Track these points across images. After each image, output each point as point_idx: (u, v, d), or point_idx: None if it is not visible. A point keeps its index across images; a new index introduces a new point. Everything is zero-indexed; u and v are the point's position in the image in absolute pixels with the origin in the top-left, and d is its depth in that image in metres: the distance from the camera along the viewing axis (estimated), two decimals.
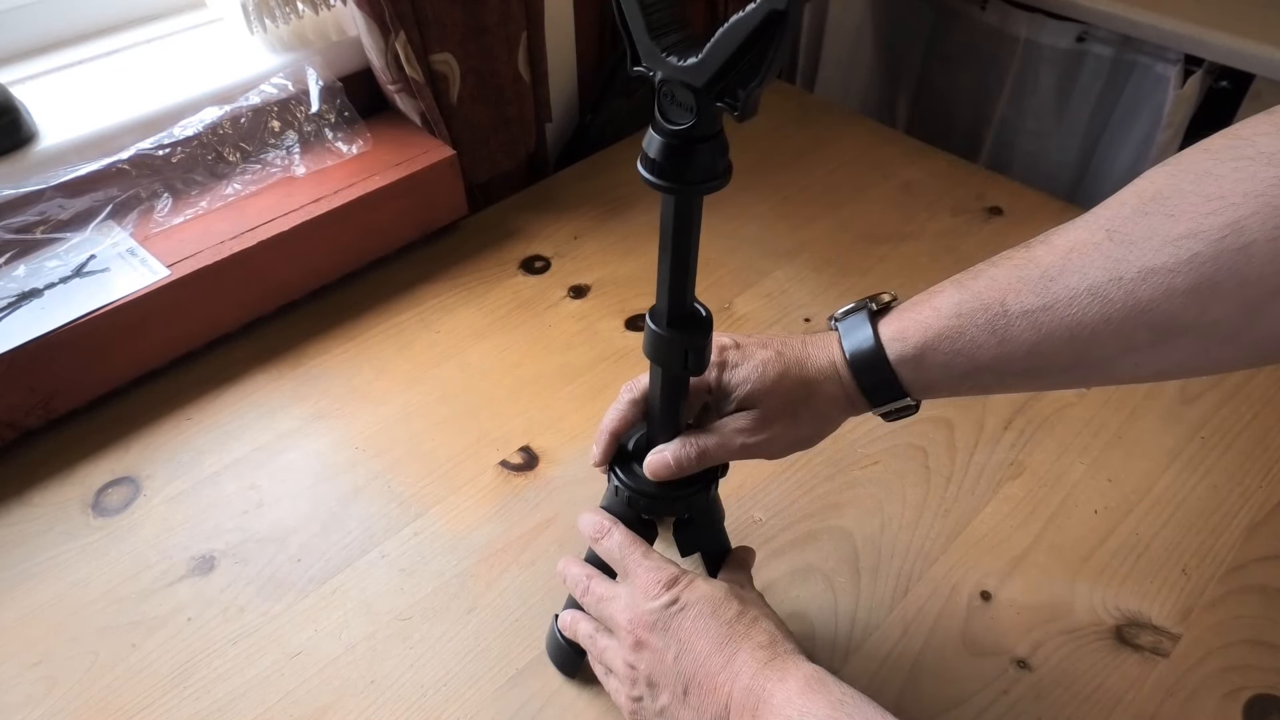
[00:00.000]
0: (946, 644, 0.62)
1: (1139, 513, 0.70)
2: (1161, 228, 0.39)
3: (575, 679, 0.60)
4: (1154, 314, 0.39)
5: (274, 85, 0.88)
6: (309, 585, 0.66)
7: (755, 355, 0.50)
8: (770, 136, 1.12)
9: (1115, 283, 0.40)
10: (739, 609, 0.47)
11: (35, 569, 0.67)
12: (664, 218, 0.43)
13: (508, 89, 0.96)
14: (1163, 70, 1.08)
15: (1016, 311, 0.43)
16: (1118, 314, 0.40)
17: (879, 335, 0.48)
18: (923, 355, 0.46)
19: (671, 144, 0.39)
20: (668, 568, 0.49)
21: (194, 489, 0.72)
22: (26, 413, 0.74)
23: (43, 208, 0.78)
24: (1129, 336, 0.40)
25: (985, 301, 0.45)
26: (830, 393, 0.50)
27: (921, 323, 0.47)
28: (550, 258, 0.95)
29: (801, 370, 0.50)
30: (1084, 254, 0.42)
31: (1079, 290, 0.41)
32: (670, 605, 0.47)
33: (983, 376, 0.45)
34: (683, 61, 0.36)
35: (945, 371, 0.46)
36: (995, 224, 0.98)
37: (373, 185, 0.87)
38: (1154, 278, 0.39)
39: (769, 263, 0.94)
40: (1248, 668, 0.61)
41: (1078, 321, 0.41)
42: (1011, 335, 0.44)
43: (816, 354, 0.50)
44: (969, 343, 0.45)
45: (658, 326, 0.47)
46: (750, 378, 0.50)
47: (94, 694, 0.60)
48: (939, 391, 0.48)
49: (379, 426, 0.77)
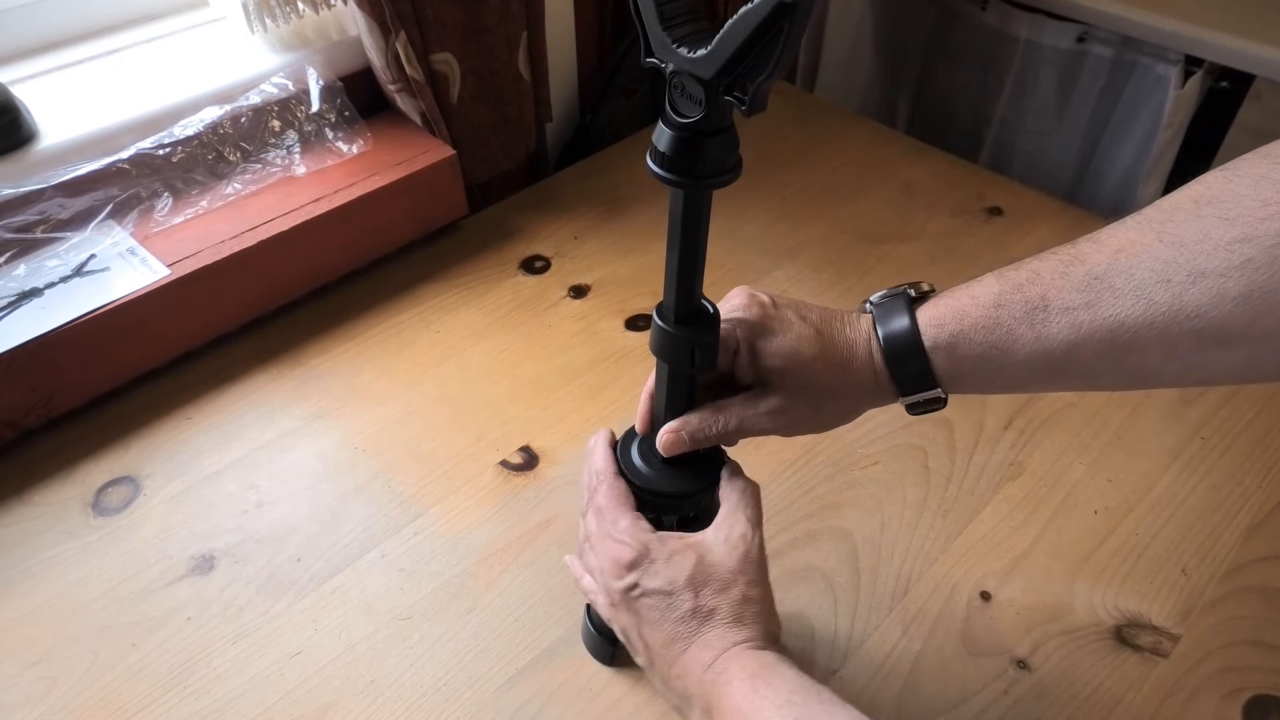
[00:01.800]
0: (946, 644, 0.62)
1: (1139, 513, 0.70)
2: (1215, 231, 0.38)
3: (572, 679, 0.60)
4: (1201, 320, 0.38)
5: (274, 85, 0.88)
6: (309, 585, 0.66)
7: (794, 328, 0.48)
8: (770, 136, 1.12)
9: (1163, 285, 0.39)
10: (691, 604, 0.45)
11: (35, 568, 0.67)
12: (673, 213, 0.43)
13: (508, 89, 0.96)
14: (1163, 71, 1.08)
15: (1057, 307, 0.42)
16: (1162, 318, 0.39)
17: (915, 320, 0.46)
18: (956, 344, 0.45)
19: (681, 137, 0.39)
20: (630, 545, 0.47)
21: (194, 488, 0.72)
22: (27, 412, 0.74)
23: (43, 207, 0.78)
24: (1173, 343, 0.39)
25: (1026, 294, 0.43)
26: (859, 380, 0.48)
27: (959, 310, 0.45)
28: (550, 258, 0.95)
29: (836, 353, 0.48)
30: (1132, 254, 0.40)
31: (1124, 291, 0.40)
32: (630, 590, 0.47)
33: (1016, 371, 0.44)
34: (693, 53, 0.36)
35: (978, 363, 0.45)
36: (995, 224, 0.98)
37: (373, 185, 0.87)
38: (1204, 281, 0.38)
39: (768, 263, 0.94)
40: (1247, 668, 0.61)
41: (1120, 323, 0.40)
42: (1050, 332, 0.42)
43: (854, 336, 0.48)
44: (1005, 335, 0.43)
45: (665, 323, 0.46)
46: (783, 351, 0.48)
47: (94, 693, 0.60)
48: (971, 384, 0.46)
49: (379, 426, 0.77)
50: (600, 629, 0.60)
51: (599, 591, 0.50)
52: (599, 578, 0.50)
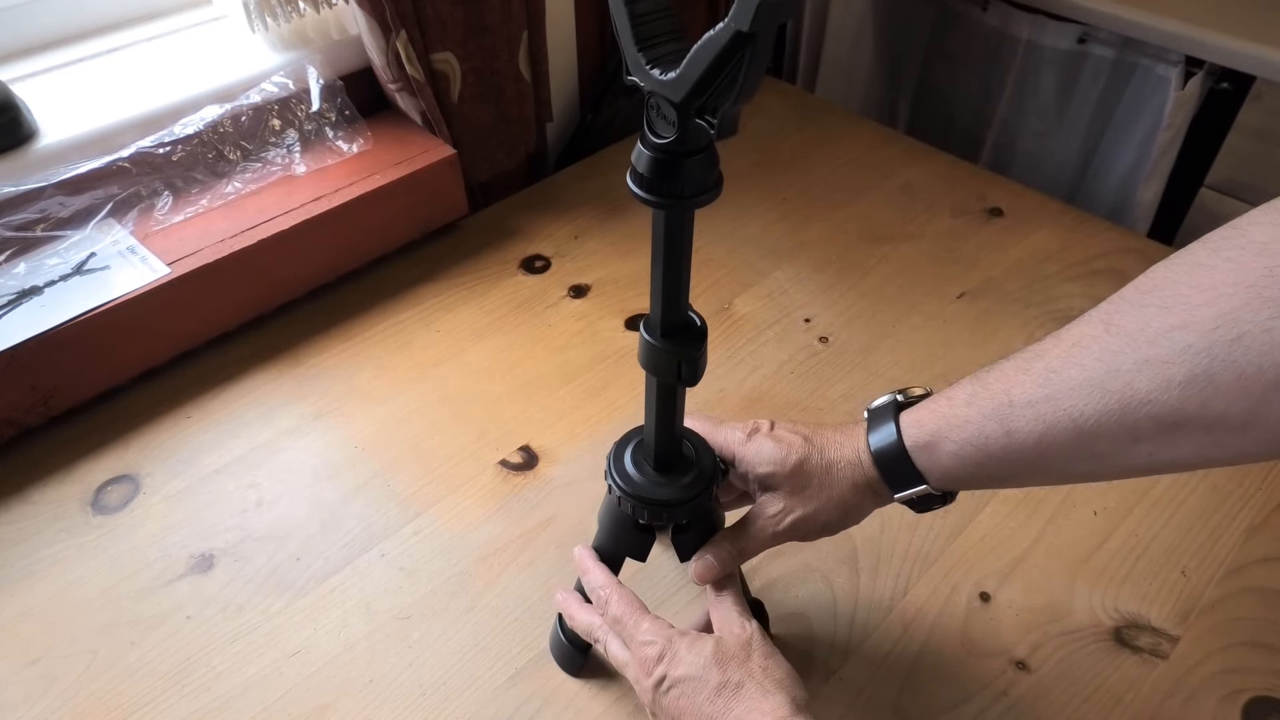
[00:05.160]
0: (945, 645, 0.62)
1: (1138, 514, 0.70)
2: (1155, 320, 0.39)
3: (570, 679, 0.60)
4: (1155, 405, 0.39)
5: (275, 84, 0.88)
6: (308, 584, 0.66)
7: (784, 439, 0.53)
8: (770, 137, 1.12)
9: (1112, 374, 0.40)
10: (717, 683, 0.47)
11: (35, 566, 0.67)
12: (655, 231, 0.43)
13: (508, 88, 0.96)
14: (1163, 72, 1.08)
15: (1021, 402, 0.44)
16: (1117, 405, 0.40)
17: (899, 423, 0.49)
18: (935, 442, 0.48)
19: (658, 158, 0.38)
20: (654, 643, 0.50)
21: (193, 487, 0.72)
22: (26, 410, 0.74)
23: (43, 205, 0.78)
24: (1133, 427, 0.40)
25: (993, 392, 0.46)
26: (850, 477, 0.51)
27: (937, 412, 0.48)
28: (550, 257, 0.95)
29: (823, 456, 0.52)
30: (1083, 347, 0.42)
31: (1078, 382, 0.42)
32: (658, 685, 0.49)
33: (994, 467, 0.46)
34: (664, 76, 0.35)
35: (958, 460, 0.47)
36: (995, 225, 0.98)
37: (373, 184, 0.87)
38: (1149, 369, 0.39)
39: (769, 263, 0.94)
40: (1247, 670, 0.61)
41: (1080, 412, 0.42)
42: (1017, 426, 0.44)
43: (844, 441, 0.52)
44: (976, 431, 0.46)
45: (651, 337, 0.46)
46: (771, 459, 0.52)
47: (93, 691, 0.60)
48: (962, 480, 0.49)
49: (379, 426, 0.77)
50: (570, 639, 0.60)
51: (637, 684, 0.52)
52: (636, 687, 0.51)
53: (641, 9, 0.36)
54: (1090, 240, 0.95)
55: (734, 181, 0.42)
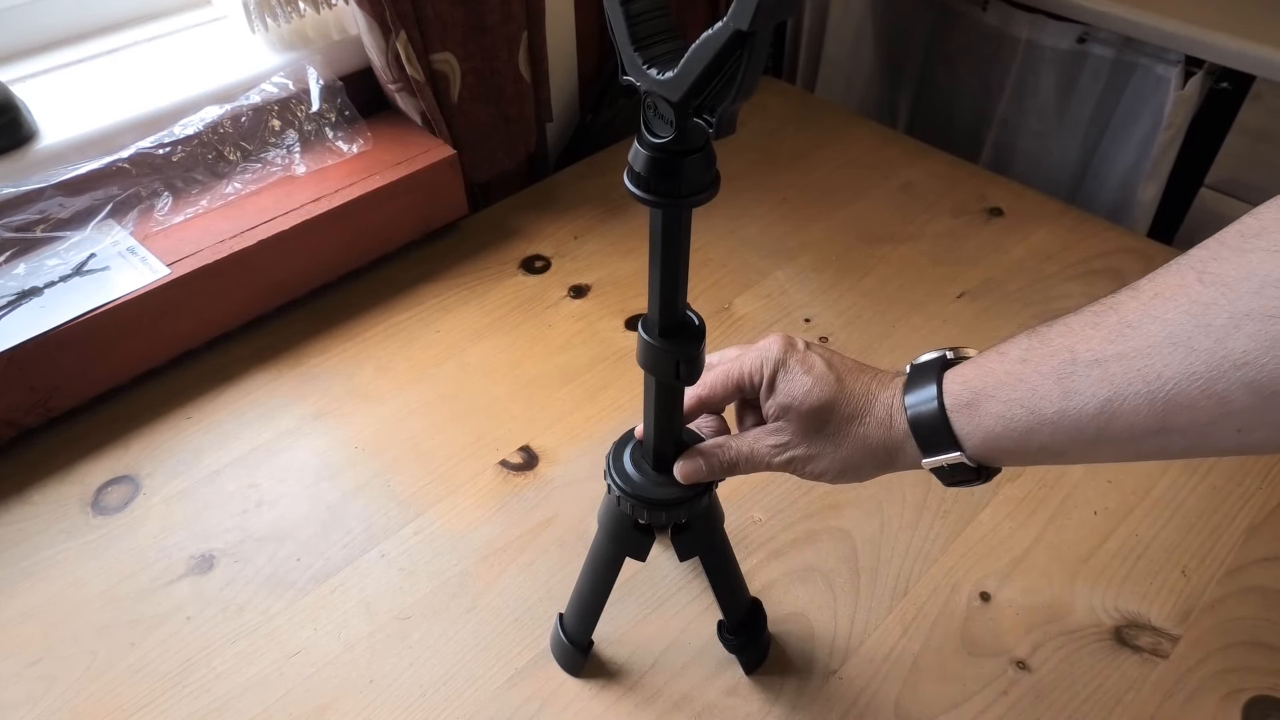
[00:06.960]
0: (946, 645, 0.62)
1: (1138, 514, 0.70)
2: (1262, 266, 0.33)
3: (571, 679, 0.60)
4: (1253, 369, 0.33)
5: (275, 84, 0.88)
6: (308, 584, 0.66)
7: (815, 371, 0.48)
8: (770, 137, 1.12)
9: (1202, 330, 0.34)
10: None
11: (35, 567, 0.67)
12: (652, 230, 0.43)
13: (508, 88, 0.96)
14: (1163, 71, 1.08)
15: (1086, 360, 0.38)
16: (1204, 368, 0.34)
17: (941, 379, 0.44)
18: (978, 401, 0.42)
19: (655, 158, 0.38)
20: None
21: (193, 488, 0.72)
22: (26, 411, 0.74)
23: (43, 206, 0.78)
24: (1222, 395, 0.34)
25: (1054, 348, 0.39)
26: (863, 435, 0.47)
27: (984, 368, 0.42)
28: (550, 257, 0.95)
29: (850, 403, 0.47)
30: (1168, 298, 0.36)
31: (1159, 338, 0.35)
32: None
33: (1046, 435, 0.40)
34: (661, 75, 0.35)
35: (1004, 424, 0.41)
36: (995, 225, 0.98)
37: (373, 185, 0.87)
38: (1249, 325, 0.33)
39: (769, 263, 0.94)
40: (1247, 669, 0.61)
41: (1157, 374, 0.35)
42: (1078, 387, 0.38)
43: (877, 394, 0.47)
44: (1030, 391, 0.40)
45: (649, 336, 0.46)
46: (796, 390, 0.48)
47: (93, 692, 0.60)
48: (1008, 450, 0.42)
49: (379, 426, 0.77)
50: (572, 639, 0.60)
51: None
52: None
53: (637, 8, 0.36)
54: (1090, 240, 0.95)
55: (733, 181, 0.42)
